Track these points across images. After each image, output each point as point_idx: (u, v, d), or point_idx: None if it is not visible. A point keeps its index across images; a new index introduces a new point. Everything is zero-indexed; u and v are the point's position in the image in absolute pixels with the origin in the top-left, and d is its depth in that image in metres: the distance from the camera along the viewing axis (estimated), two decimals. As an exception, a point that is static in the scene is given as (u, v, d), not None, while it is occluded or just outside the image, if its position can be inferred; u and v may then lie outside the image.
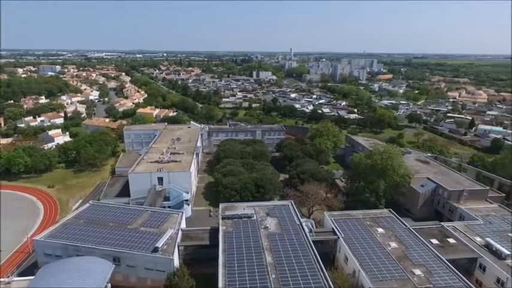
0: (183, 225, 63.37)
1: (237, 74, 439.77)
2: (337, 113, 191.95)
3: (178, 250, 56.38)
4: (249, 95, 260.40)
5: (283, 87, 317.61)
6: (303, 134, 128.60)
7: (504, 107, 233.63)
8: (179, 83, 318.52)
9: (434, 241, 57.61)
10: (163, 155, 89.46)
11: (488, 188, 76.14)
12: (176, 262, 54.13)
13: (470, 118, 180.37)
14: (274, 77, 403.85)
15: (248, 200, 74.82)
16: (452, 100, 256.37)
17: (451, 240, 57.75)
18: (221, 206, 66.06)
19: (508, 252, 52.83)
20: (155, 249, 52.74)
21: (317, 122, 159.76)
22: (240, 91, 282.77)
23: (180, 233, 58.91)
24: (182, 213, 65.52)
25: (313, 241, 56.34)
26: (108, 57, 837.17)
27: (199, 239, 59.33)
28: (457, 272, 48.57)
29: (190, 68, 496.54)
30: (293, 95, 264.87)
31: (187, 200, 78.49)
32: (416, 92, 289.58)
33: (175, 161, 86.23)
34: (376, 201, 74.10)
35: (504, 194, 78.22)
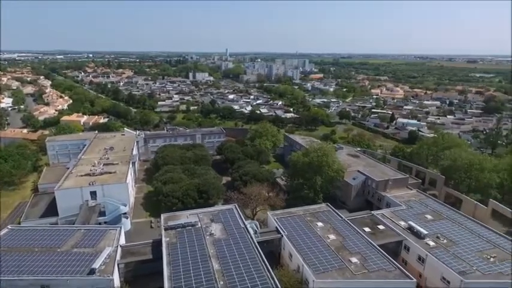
0: (122, 240, 59.57)
1: (172, 75, 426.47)
2: (275, 112, 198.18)
3: (119, 268, 52.88)
4: (186, 98, 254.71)
5: (221, 89, 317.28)
6: (243, 136, 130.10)
7: (417, 101, 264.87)
8: (109, 86, 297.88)
9: (367, 229, 62.95)
10: (96, 167, 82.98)
11: (408, 176, 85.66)
12: (117, 282, 50.68)
13: (391, 113, 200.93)
14: (211, 78, 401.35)
15: (191, 207, 73.28)
16: (375, 97, 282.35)
17: (381, 227, 63.72)
18: (163, 216, 63.62)
19: (426, 232, 60.10)
20: (91, 271, 48.67)
21: (256, 122, 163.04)
22: (176, 93, 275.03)
23: (119, 249, 55.27)
24: (120, 228, 61.50)
25: (258, 242, 57.51)
26: (22, 58, 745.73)
27: (141, 253, 56.35)
28: (386, 255, 53.85)
29: (120, 70, 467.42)
30: (231, 96, 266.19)
31: (125, 213, 73.96)
32: (345, 90, 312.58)
33: (110, 173, 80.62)
34: (315, 196, 78.39)
35: (420, 180, 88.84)
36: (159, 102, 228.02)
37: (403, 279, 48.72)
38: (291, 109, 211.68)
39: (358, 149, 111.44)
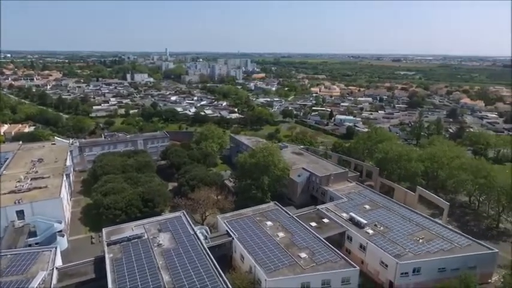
0: (59, 262, 54.41)
1: (107, 77, 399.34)
2: (220, 113, 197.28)
3: (56, 294, 48.20)
4: (124, 101, 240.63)
5: (163, 90, 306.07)
6: (188, 139, 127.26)
7: (352, 98, 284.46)
8: (34, 90, 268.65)
9: (313, 224, 66.02)
10: (22, 182, 74.48)
11: (347, 169, 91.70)
12: (54, 309, 46.19)
13: (330, 110, 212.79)
14: (152, 79, 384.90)
15: (136, 217, 69.59)
16: (315, 95, 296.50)
17: (325, 220, 67.32)
18: (104, 230, 59.58)
19: (365, 222, 65.04)
20: (23, 301, 43.68)
21: (201, 124, 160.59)
22: (113, 96, 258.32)
23: (55, 272, 50.35)
24: (56, 248, 56.01)
25: (209, 247, 56.91)
26: None
27: (81, 274, 51.99)
28: (332, 247, 57.13)
29: (46, 72, 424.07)
30: (173, 98, 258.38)
31: (60, 231, 67.43)
32: (287, 89, 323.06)
33: (40, 188, 73.02)
34: (263, 196, 79.89)
35: (358, 173, 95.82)
36: (94, 107, 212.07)
37: (347, 268, 52.15)
38: (236, 109, 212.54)
39: (302, 146, 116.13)
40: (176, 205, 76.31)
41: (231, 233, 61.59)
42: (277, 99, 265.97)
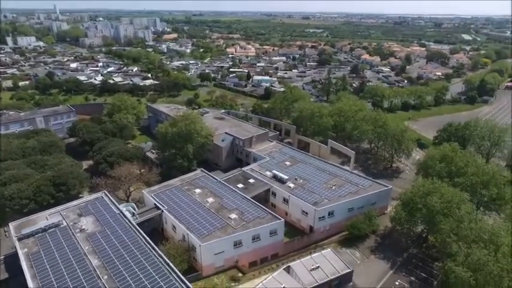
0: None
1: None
2: (131, 80, 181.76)
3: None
4: (9, 71, 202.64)
5: (58, 56, 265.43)
6: (99, 112, 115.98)
7: (267, 58, 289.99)
8: None
9: (240, 185, 69.29)
10: None
11: (267, 130, 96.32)
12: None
13: (247, 71, 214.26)
14: (42, 44, 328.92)
15: (49, 205, 63.25)
16: (231, 56, 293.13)
17: (251, 180, 71.16)
18: (12, 224, 53.28)
19: (287, 177, 70.83)
20: None
21: (111, 94, 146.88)
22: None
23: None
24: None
25: (138, 223, 55.89)
26: None
27: (-10, 276, 46.50)
28: (259, 204, 61.43)
29: None
30: (74, 65, 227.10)
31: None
32: (202, 50, 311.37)
33: None
34: (189, 164, 79.65)
35: (278, 132, 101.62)
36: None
37: (274, 221, 57.14)
38: (149, 75, 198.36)
39: (223, 110, 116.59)
40: (95, 185, 71.22)
41: (159, 206, 61.01)
42: (193, 61, 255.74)
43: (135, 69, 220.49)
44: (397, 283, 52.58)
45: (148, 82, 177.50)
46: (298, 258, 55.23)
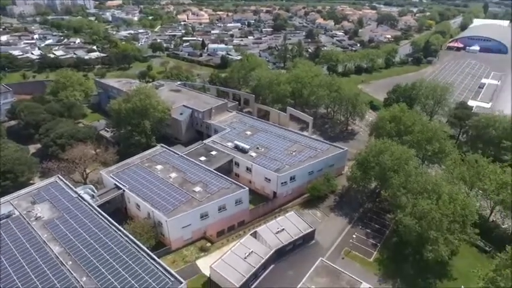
0: None
1: None
2: (74, 54, 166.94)
3: None
4: None
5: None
6: (41, 90, 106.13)
7: (221, 25, 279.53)
8: None
9: (202, 158, 69.02)
10: None
11: (226, 100, 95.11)
12: None
13: (201, 39, 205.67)
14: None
15: (-4, 195, 58.73)
16: (183, 23, 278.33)
17: (213, 153, 71.06)
18: (-45, 220, 49.00)
19: (248, 146, 71.64)
20: None
21: (53, 70, 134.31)
22: None
23: None
24: None
25: (99, 205, 54.35)
26: None
27: None
28: (222, 175, 62.09)
29: None
30: (4, 38, 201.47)
31: None
32: (151, 18, 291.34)
33: None
34: (147, 140, 77.29)
35: (237, 102, 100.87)
36: None
37: (238, 190, 58.36)
38: (95, 47, 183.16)
39: (179, 82, 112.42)
40: (47, 170, 66.93)
41: (120, 185, 59.35)
42: (142, 30, 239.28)
43: (78, 41, 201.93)
44: (354, 236, 57.29)
45: (94, 55, 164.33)
46: (264, 223, 57.75)
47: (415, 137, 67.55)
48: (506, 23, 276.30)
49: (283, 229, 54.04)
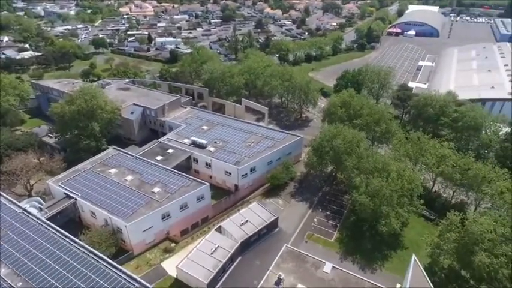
0: None
1: None
2: (3, 54, 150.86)
3: None
4: None
5: None
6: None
7: (168, 17, 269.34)
8: None
9: (159, 157, 66.89)
10: None
11: (179, 96, 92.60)
12: None
13: (147, 33, 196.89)
14: None
15: None
16: (126, 16, 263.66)
17: (170, 151, 69.14)
18: None
19: (206, 142, 70.65)
20: None
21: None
22: None
23: None
24: None
25: (49, 218, 50.66)
26: None
27: None
28: (181, 173, 60.86)
29: None
30: None
31: None
32: (90, 11, 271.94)
33: None
34: (97, 144, 72.96)
35: (190, 97, 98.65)
36: None
37: (199, 187, 57.64)
38: (27, 46, 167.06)
39: (127, 80, 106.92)
40: (-18, 185, 60.56)
41: (71, 194, 55.64)
42: (81, 25, 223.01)
43: (6, 39, 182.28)
44: (315, 219, 59.77)
45: (27, 54, 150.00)
46: (228, 216, 57.86)
47: (364, 120, 71.46)
48: (436, 8, 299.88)
49: (247, 221, 54.65)
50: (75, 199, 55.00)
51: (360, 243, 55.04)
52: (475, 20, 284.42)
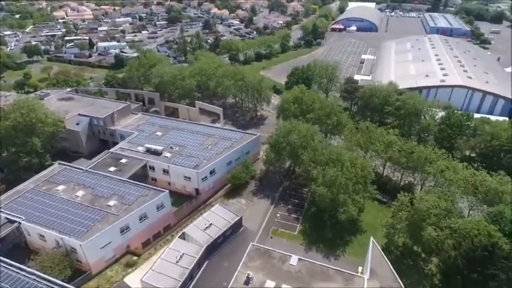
0: None
1: None
2: None
3: None
4: None
5: None
6: None
7: (109, 20, 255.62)
8: None
9: (112, 168, 63.42)
10: None
11: (129, 102, 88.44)
12: None
13: (88, 38, 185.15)
14: None
15: None
16: (62, 21, 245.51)
17: (124, 160, 65.85)
18: None
19: (161, 148, 68.46)
20: None
21: None
22: None
23: None
24: None
25: (-11, 247, 45.64)
26: None
27: None
28: (138, 183, 58.43)
29: None
30: None
31: None
32: (18, 16, 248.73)
33: None
34: (40, 160, 67.39)
35: (141, 103, 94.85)
36: None
37: (158, 195, 55.74)
38: None
39: (69, 89, 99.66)
40: None
41: (13, 218, 50.71)
42: (9, 32, 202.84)
43: None
44: (278, 214, 60.85)
45: None
46: (191, 222, 56.75)
47: (316, 114, 74.12)
48: (372, 4, 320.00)
49: (211, 224, 54.02)
50: (19, 223, 50.22)
51: (322, 233, 57.08)
52: (408, 14, 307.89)
